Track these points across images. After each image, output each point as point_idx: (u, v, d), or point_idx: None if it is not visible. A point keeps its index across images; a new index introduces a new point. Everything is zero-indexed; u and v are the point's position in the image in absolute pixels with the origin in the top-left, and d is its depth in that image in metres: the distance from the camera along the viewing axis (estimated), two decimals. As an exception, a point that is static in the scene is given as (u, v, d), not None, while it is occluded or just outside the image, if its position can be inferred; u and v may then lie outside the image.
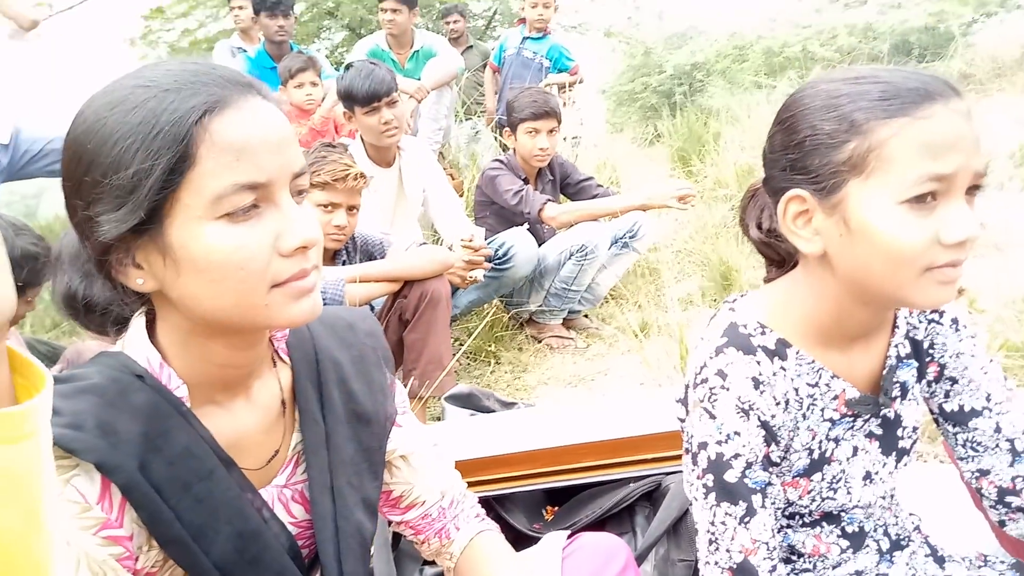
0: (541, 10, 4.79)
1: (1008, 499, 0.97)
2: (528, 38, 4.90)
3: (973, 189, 0.81)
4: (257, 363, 0.83)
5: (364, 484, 0.91)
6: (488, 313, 2.76)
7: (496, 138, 4.55)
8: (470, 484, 1.10)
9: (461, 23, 5.86)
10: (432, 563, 1.31)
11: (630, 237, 2.98)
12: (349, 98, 2.71)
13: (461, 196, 3.48)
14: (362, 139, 2.83)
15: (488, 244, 2.59)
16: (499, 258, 2.67)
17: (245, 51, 4.69)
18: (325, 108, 3.99)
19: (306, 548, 0.88)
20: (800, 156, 0.85)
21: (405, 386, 1.79)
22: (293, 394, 0.88)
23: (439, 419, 1.96)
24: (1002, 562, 1.01)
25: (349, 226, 2.28)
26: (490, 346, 2.83)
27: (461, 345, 2.64)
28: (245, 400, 0.83)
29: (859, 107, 0.81)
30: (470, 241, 2.43)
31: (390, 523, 1.05)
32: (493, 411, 1.75)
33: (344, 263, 2.34)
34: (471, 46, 5.89)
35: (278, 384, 0.87)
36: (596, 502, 1.41)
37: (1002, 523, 1.00)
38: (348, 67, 2.81)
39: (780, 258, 0.99)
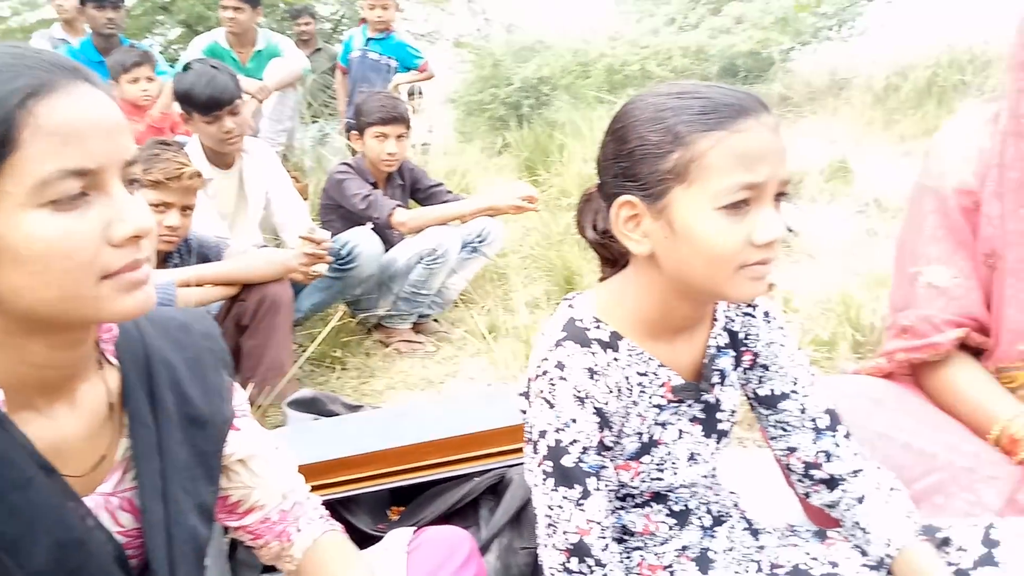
0: (380, 12, 4.74)
1: (812, 472, 1.08)
2: (372, 40, 4.85)
3: (780, 196, 0.90)
4: (81, 364, 0.78)
5: (199, 489, 0.88)
6: (334, 318, 2.71)
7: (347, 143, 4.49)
8: (313, 488, 1.08)
9: (312, 25, 5.75)
10: (272, 569, 1.27)
11: (479, 242, 3.03)
12: (187, 102, 2.57)
13: (306, 200, 3.40)
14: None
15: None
16: (342, 258, 2.62)
17: (68, 43, 4.35)
18: (163, 104, 3.78)
19: (135, 557, 0.84)
20: (630, 164, 0.91)
21: (246, 392, 1.72)
22: (122, 397, 0.83)
23: (280, 427, 1.91)
24: (807, 531, 1.12)
25: (182, 227, 2.16)
26: (336, 352, 2.77)
27: (304, 351, 2.57)
28: (68, 404, 0.78)
29: (682, 120, 0.87)
30: (311, 234, 2.37)
31: (227, 531, 1.01)
32: (338, 415, 1.72)
33: (176, 267, 2.22)
34: (320, 48, 5.78)
35: (104, 387, 0.82)
36: (441, 498, 1.42)
37: (807, 495, 1.11)
38: (187, 67, 2.68)
39: (613, 258, 1.05)
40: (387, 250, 2.86)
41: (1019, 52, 1.27)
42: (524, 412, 1.03)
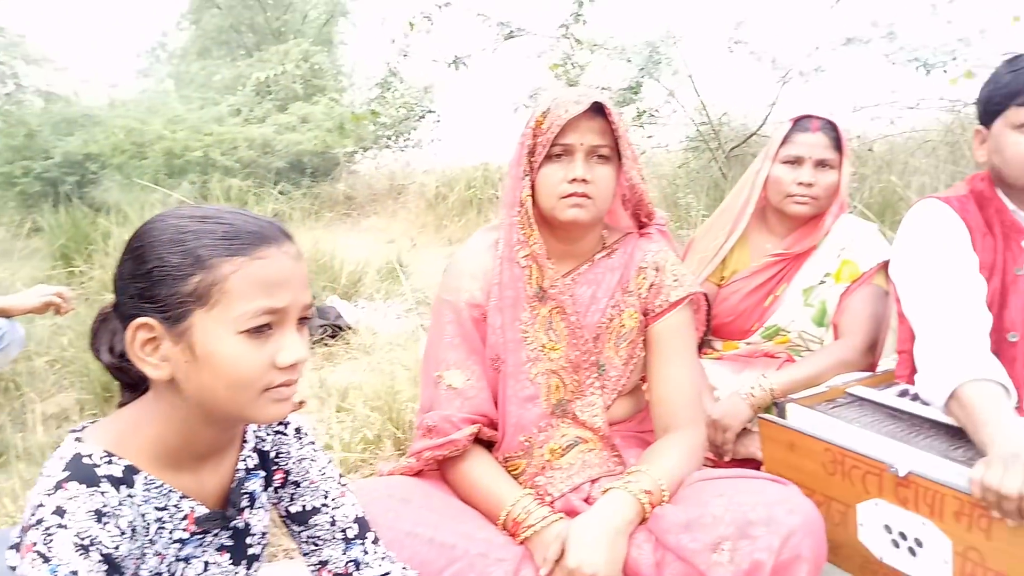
0: None
1: (342, 586, 1.11)
2: None
3: (303, 320, 0.94)
4: None
5: None
6: None
7: None
8: None
9: None
10: None
11: (-13, 347, 2.55)
12: None
13: None
14: None
15: None
16: None
17: None
18: None
19: None
20: (148, 285, 0.88)
21: None
22: None
23: None
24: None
25: None
26: None
27: None
28: None
29: (204, 244, 0.88)
30: None
31: None
32: None
33: None
34: None
35: None
36: None
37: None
38: None
39: (133, 382, 0.98)
40: None
41: (508, 195, 1.55)
42: (14, 569, 0.88)
